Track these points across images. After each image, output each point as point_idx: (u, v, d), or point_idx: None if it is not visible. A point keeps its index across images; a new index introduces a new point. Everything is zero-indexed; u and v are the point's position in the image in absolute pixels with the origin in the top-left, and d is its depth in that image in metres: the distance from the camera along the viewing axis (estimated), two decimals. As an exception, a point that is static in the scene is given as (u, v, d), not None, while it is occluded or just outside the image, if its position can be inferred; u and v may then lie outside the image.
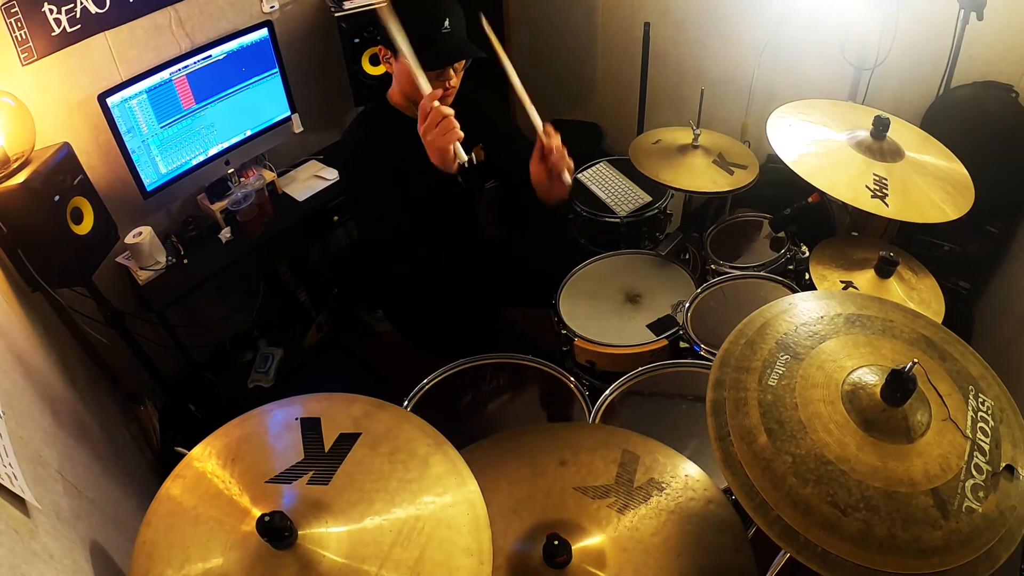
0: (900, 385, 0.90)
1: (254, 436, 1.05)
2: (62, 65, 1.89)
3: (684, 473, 1.15)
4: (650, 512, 1.09)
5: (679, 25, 2.68)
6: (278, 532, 0.85)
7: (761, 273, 1.83)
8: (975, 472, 0.88)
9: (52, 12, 1.81)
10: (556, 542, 0.99)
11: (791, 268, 1.87)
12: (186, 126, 2.14)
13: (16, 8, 1.74)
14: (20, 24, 1.76)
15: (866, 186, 1.52)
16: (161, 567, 0.89)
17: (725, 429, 0.93)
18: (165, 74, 2.04)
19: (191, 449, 1.02)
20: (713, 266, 1.99)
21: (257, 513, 0.91)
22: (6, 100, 1.64)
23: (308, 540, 0.89)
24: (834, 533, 0.83)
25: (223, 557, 0.89)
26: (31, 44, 1.80)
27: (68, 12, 1.84)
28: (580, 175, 2.44)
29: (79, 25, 1.88)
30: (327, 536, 0.90)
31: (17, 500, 0.95)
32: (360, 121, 1.77)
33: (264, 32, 2.25)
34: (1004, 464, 0.90)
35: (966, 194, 1.56)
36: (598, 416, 1.48)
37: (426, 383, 1.61)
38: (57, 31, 1.84)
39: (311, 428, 1.04)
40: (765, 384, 0.97)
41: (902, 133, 1.67)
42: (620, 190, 2.32)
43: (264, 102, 2.34)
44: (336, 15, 2.35)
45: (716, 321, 1.71)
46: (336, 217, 2.52)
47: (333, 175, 2.49)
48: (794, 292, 1.67)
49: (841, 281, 1.58)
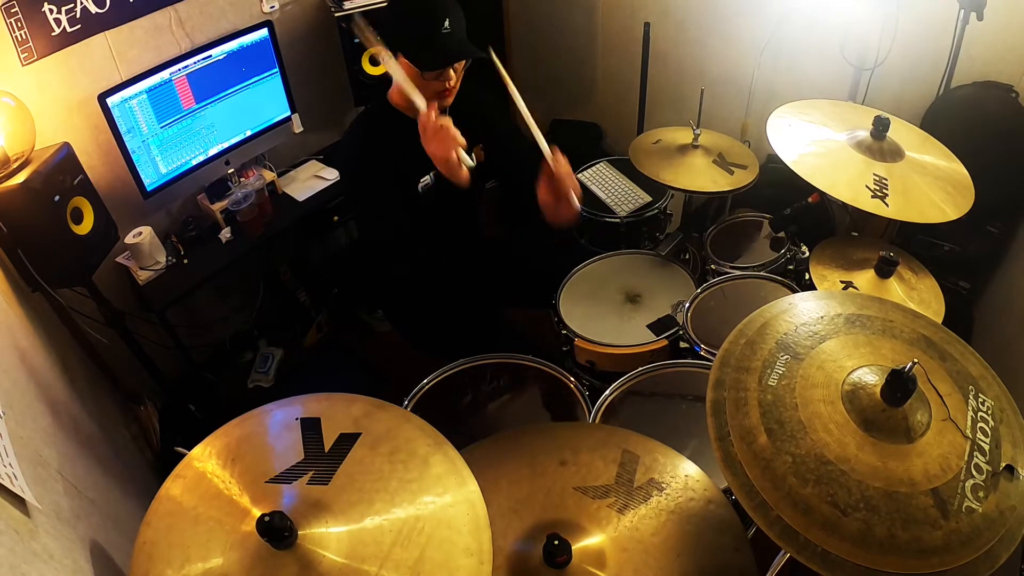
0: (900, 385, 0.90)
1: (254, 436, 1.05)
2: (62, 65, 1.89)
3: (684, 473, 1.15)
4: (650, 512, 1.09)
5: (679, 25, 2.68)
6: (278, 532, 0.85)
7: (761, 273, 1.83)
8: (975, 472, 0.88)
9: (52, 12, 1.81)
10: (556, 542, 0.99)
11: (791, 268, 1.87)
12: (186, 126, 2.14)
13: (16, 8, 1.74)
14: (20, 24, 1.76)
15: (866, 186, 1.52)
16: (161, 567, 0.89)
17: (725, 429, 0.93)
18: (165, 74, 2.04)
19: (191, 449, 1.02)
20: (713, 266, 1.99)
21: (257, 513, 0.91)
22: (6, 100, 1.64)
23: (308, 540, 0.89)
24: (834, 533, 0.83)
25: (223, 557, 0.89)
26: (31, 44, 1.80)
27: (68, 12, 1.84)
28: (580, 175, 2.44)
29: (79, 25, 1.88)
30: (327, 536, 0.90)
31: (17, 500, 0.95)
32: (360, 121, 1.77)
33: (264, 32, 2.25)
34: (1004, 464, 0.90)
35: (966, 194, 1.56)
36: (598, 416, 1.48)
37: (426, 383, 1.61)
38: (57, 31, 1.84)
39: (311, 428, 1.04)
40: (765, 384, 0.97)
41: (902, 133, 1.67)
42: (620, 190, 2.32)
43: (264, 102, 2.34)
44: (336, 15, 2.35)
45: (716, 321, 1.71)
46: (336, 217, 2.52)
47: (333, 175, 2.49)
48: (794, 292, 1.67)
49: (841, 281, 1.58)
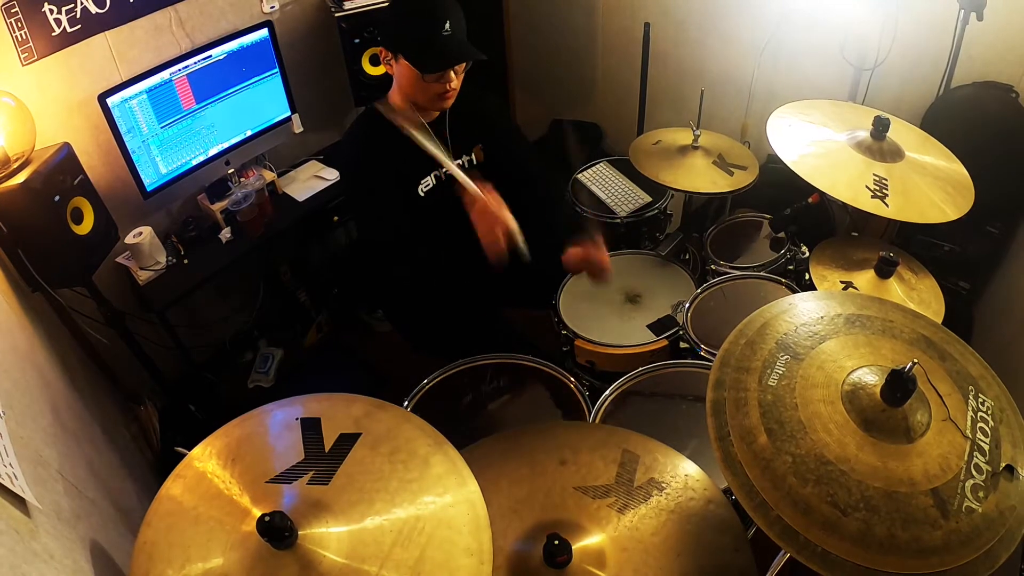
0: (900, 385, 0.90)
1: (254, 436, 1.05)
2: (62, 65, 1.89)
3: (684, 473, 1.15)
4: (650, 512, 1.09)
5: (679, 25, 2.68)
6: (278, 532, 0.85)
7: (761, 273, 1.83)
8: (975, 472, 0.88)
9: (52, 12, 1.81)
10: (556, 542, 0.99)
11: (791, 268, 1.87)
12: (186, 126, 2.14)
13: (16, 8, 1.74)
14: (20, 24, 1.76)
15: (866, 186, 1.53)
16: (161, 567, 0.89)
17: (725, 429, 0.93)
18: (165, 74, 2.04)
19: (191, 449, 1.02)
20: (713, 266, 1.99)
21: (257, 513, 0.91)
22: (6, 100, 1.64)
23: (308, 540, 0.89)
24: (834, 533, 0.83)
25: (223, 557, 0.89)
26: (31, 44, 1.80)
27: (68, 12, 1.84)
28: (580, 175, 2.45)
29: (79, 25, 1.88)
30: (327, 536, 0.90)
31: (17, 500, 0.95)
32: (361, 122, 1.77)
33: (264, 32, 2.25)
34: (1004, 464, 0.90)
35: (966, 194, 1.56)
36: (598, 416, 1.48)
37: (426, 383, 1.61)
38: (57, 31, 1.84)
39: (311, 428, 1.04)
40: (765, 384, 0.97)
41: (902, 133, 1.67)
42: (620, 190, 2.32)
43: (264, 102, 2.34)
44: (336, 15, 2.35)
45: (716, 321, 1.72)
46: (336, 217, 2.52)
47: (333, 175, 2.49)
48: (794, 292, 1.67)
49: (841, 281, 1.58)
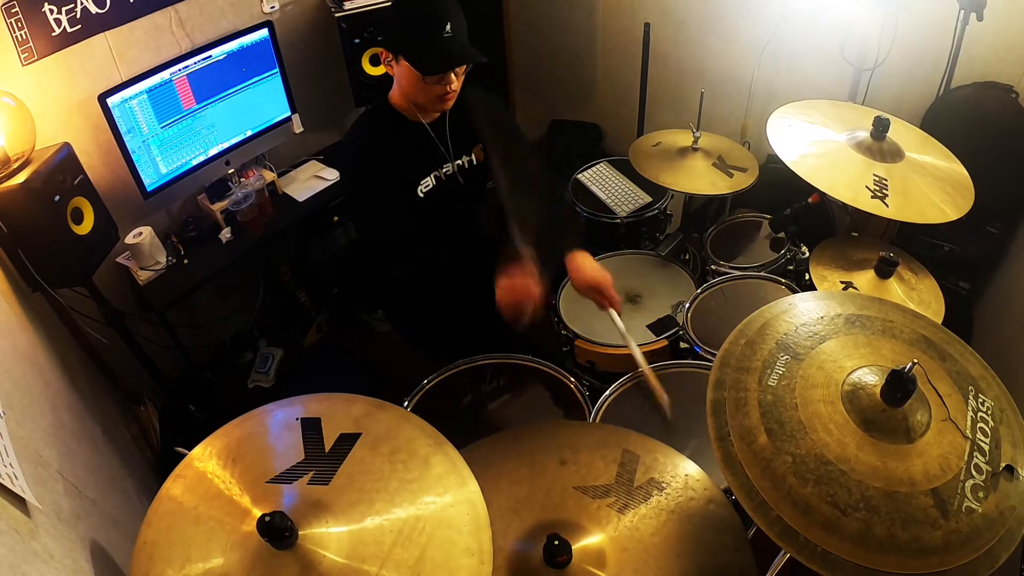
0: (900, 385, 0.90)
1: (254, 436, 1.05)
2: (62, 65, 1.89)
3: (684, 473, 1.15)
4: (650, 512, 1.09)
5: (679, 25, 2.68)
6: (278, 532, 0.85)
7: (761, 273, 1.83)
8: (975, 472, 0.88)
9: (52, 12, 1.81)
10: (556, 542, 0.99)
11: (791, 268, 1.87)
12: (186, 126, 2.14)
13: (16, 8, 1.74)
14: (20, 24, 1.76)
15: (866, 186, 1.52)
16: (161, 567, 0.89)
17: (725, 429, 0.93)
18: (165, 74, 2.04)
19: (191, 449, 1.02)
20: (713, 266, 1.99)
21: (257, 513, 0.91)
22: (6, 100, 1.64)
23: (308, 540, 0.89)
24: (834, 533, 0.83)
25: (223, 557, 0.89)
26: (31, 44, 1.80)
27: (68, 12, 1.84)
28: (580, 175, 2.45)
29: (79, 25, 1.88)
30: (327, 536, 0.90)
31: (18, 500, 0.95)
32: (361, 122, 1.77)
33: (264, 32, 2.25)
34: (1004, 464, 0.90)
35: (966, 194, 1.56)
36: (598, 416, 1.48)
37: (426, 383, 1.61)
38: (57, 31, 1.84)
39: (311, 428, 1.04)
40: (765, 384, 0.97)
41: (902, 133, 1.67)
42: (620, 190, 2.32)
43: (264, 102, 2.34)
44: (336, 15, 2.35)
45: (716, 321, 1.71)
46: (336, 217, 2.52)
47: (333, 175, 2.49)
48: (794, 292, 1.67)
49: (841, 281, 1.58)
